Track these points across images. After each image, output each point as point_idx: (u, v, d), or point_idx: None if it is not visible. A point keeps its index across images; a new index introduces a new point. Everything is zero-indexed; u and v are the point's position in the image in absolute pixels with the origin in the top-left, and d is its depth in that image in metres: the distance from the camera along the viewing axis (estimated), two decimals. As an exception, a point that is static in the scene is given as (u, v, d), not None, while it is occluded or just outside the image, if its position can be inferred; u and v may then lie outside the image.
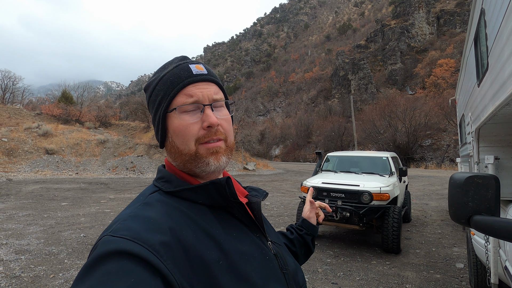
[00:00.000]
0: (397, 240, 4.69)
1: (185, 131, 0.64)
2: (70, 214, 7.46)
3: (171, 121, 0.65)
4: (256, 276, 0.59)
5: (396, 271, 4.14)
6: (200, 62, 0.71)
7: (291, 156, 47.55)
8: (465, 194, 1.00)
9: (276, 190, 12.64)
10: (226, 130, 0.68)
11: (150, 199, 0.61)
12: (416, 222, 7.06)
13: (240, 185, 0.78)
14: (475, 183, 1.03)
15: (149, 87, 0.70)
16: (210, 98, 0.66)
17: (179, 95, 0.65)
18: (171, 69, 0.67)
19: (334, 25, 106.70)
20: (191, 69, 0.67)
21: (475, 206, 1.00)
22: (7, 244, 4.97)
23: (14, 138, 20.41)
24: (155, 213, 0.57)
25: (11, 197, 9.80)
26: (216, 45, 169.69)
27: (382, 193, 4.75)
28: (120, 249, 0.48)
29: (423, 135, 30.39)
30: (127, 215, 0.57)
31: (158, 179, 0.68)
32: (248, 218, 0.68)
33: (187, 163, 0.65)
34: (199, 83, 0.66)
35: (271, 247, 0.69)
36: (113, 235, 0.51)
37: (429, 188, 13.09)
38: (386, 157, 6.05)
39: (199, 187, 0.63)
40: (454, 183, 1.06)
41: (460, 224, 1.30)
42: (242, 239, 0.63)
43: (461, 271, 4.14)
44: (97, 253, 0.49)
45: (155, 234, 0.52)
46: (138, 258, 0.48)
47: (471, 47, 2.21)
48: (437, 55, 46.92)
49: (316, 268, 4.26)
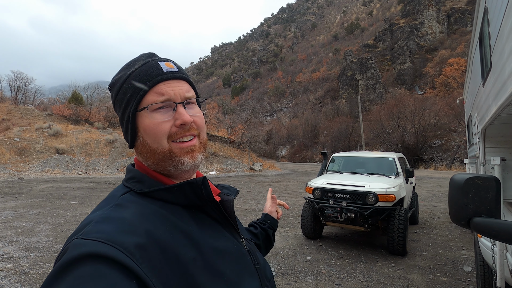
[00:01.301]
0: (403, 242, 4.63)
1: (156, 129, 0.62)
2: (78, 212, 7.60)
3: (142, 120, 0.63)
4: (231, 273, 0.60)
5: (402, 273, 4.09)
6: (170, 59, 0.68)
7: (298, 156, 47.37)
8: (465, 195, 0.99)
9: (282, 191, 12.62)
10: (199, 126, 0.67)
11: (122, 200, 0.59)
12: (424, 224, 6.95)
13: (212, 184, 0.78)
14: (475, 185, 1.01)
15: (115, 85, 0.67)
16: (182, 96, 0.64)
17: (149, 93, 0.63)
18: (139, 66, 0.64)
19: (341, 24, 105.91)
20: (161, 67, 0.65)
21: (475, 207, 0.99)
22: (17, 241, 5.10)
23: (26, 138, 20.90)
24: (130, 214, 0.55)
25: (22, 195, 10.04)
26: (223, 46, 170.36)
27: (387, 194, 4.70)
28: (93, 252, 0.46)
29: (432, 136, 29.89)
30: (99, 217, 0.54)
31: (128, 179, 0.66)
32: (222, 216, 0.68)
33: (161, 162, 0.64)
34: (170, 81, 0.64)
35: (244, 244, 0.71)
36: (84, 238, 0.49)
37: (438, 189, 12.87)
38: (393, 158, 5.98)
39: (175, 187, 0.62)
40: (454, 184, 1.05)
41: (460, 226, 1.28)
42: (217, 237, 0.64)
43: (468, 275, 4.06)
44: (68, 257, 0.46)
45: (130, 236, 0.50)
46: (112, 261, 0.46)
47: (476, 46, 2.17)
48: (447, 54, 46.08)
49: (320, 269, 4.24)
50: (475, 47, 2.30)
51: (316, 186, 5.26)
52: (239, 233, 0.72)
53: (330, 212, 4.90)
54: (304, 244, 5.38)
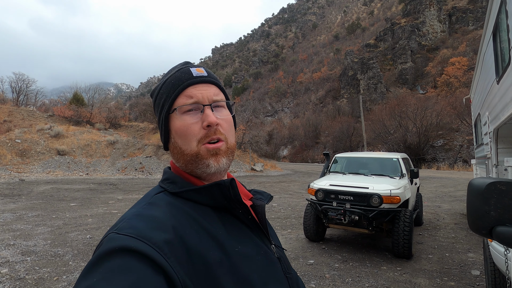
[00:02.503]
0: (408, 244, 4.50)
1: (186, 131, 0.65)
2: (78, 215, 7.52)
3: (173, 122, 0.67)
4: (257, 278, 0.59)
5: (408, 277, 3.97)
6: (202, 66, 0.73)
7: (299, 156, 47.22)
8: (487, 202, 0.88)
9: (284, 192, 12.50)
10: (226, 130, 0.69)
11: (155, 199, 0.63)
12: (428, 225, 6.82)
13: (245, 188, 0.79)
14: (498, 190, 0.92)
15: (154, 92, 0.73)
16: (210, 99, 0.67)
17: (180, 96, 0.67)
18: (173, 73, 0.70)
19: (342, 24, 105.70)
20: (191, 72, 0.69)
21: (498, 216, 0.90)
22: (14, 245, 5.01)
23: (27, 139, 20.88)
24: (160, 212, 0.58)
25: (23, 197, 9.98)
26: (224, 46, 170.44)
27: (392, 196, 4.58)
28: (124, 246, 0.49)
29: (434, 135, 29.68)
30: (132, 214, 0.58)
31: (163, 181, 0.69)
32: (251, 220, 0.68)
33: (189, 164, 0.66)
34: (199, 85, 0.68)
35: (274, 251, 0.70)
36: (118, 233, 0.52)
37: (441, 189, 12.72)
38: (397, 158, 5.86)
39: (203, 188, 0.64)
40: (474, 190, 0.95)
41: (480, 236, 1.18)
42: (244, 241, 0.63)
43: (477, 279, 3.93)
44: (102, 250, 0.50)
45: (159, 233, 0.53)
46: (142, 255, 0.49)
47: (489, 41, 2.05)
48: (449, 53, 45.83)
49: (323, 273, 4.12)
50: (487, 42, 2.19)
51: (319, 187, 5.14)
52: (269, 239, 0.71)
53: (333, 214, 4.78)
54: (307, 247, 5.27)
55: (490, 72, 2.14)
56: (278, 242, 0.76)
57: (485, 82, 2.61)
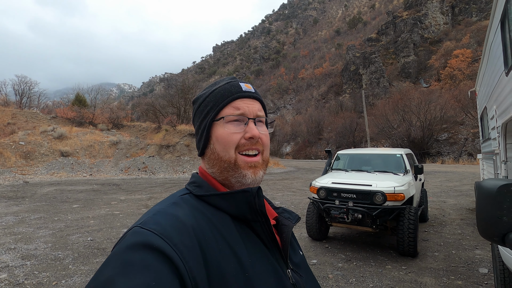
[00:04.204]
0: (413, 242, 4.40)
1: (228, 138, 0.67)
2: (80, 216, 7.51)
3: (216, 129, 0.70)
4: None
5: (413, 276, 3.87)
6: (248, 82, 0.77)
7: (302, 153, 47.04)
8: (499, 206, 0.80)
9: (287, 189, 12.42)
10: (264, 144, 0.72)
11: (179, 200, 0.64)
12: (434, 221, 6.70)
13: (271, 206, 0.78)
14: (511, 193, 0.82)
15: (199, 99, 0.75)
16: (254, 113, 0.71)
17: (228, 107, 0.70)
18: (222, 85, 0.73)
19: (344, 19, 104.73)
20: (241, 86, 0.73)
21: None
22: (15, 248, 4.98)
23: (31, 141, 20.99)
24: (183, 214, 0.59)
25: (26, 199, 10.00)
26: (225, 44, 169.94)
27: (396, 193, 4.47)
28: (147, 243, 0.50)
29: (439, 129, 29.35)
30: (157, 211, 0.59)
31: (190, 184, 0.71)
32: (270, 238, 0.66)
33: (225, 171, 0.68)
34: (246, 99, 0.72)
35: (290, 276, 0.66)
36: (142, 227, 0.54)
37: (446, 184, 12.55)
38: (400, 154, 5.73)
39: (228, 194, 0.65)
40: (484, 193, 0.85)
41: (492, 242, 1.08)
42: (260, 258, 0.61)
43: (485, 277, 3.82)
44: (125, 242, 0.52)
45: (181, 234, 0.54)
46: (162, 255, 0.50)
47: (496, 30, 1.92)
48: (453, 45, 45.19)
49: (326, 273, 4.04)
50: (494, 32, 2.06)
51: (321, 185, 5.04)
52: (286, 263, 0.68)
53: (336, 212, 4.68)
54: (310, 246, 5.19)
55: (498, 64, 2.02)
56: (299, 268, 0.72)
57: (492, 74, 2.48)
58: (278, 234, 0.70)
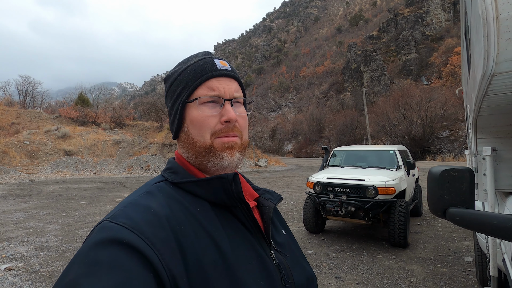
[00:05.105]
0: (404, 234, 4.65)
1: (203, 122, 0.63)
2: (86, 212, 7.81)
3: (190, 111, 0.65)
4: (253, 284, 0.55)
5: (402, 265, 4.13)
6: (224, 59, 0.71)
7: (304, 151, 47.25)
8: (441, 187, 1.01)
9: (287, 186, 12.68)
10: (242, 127, 0.67)
11: (153, 189, 0.61)
12: (428, 215, 6.94)
13: (252, 187, 0.75)
14: (451, 176, 1.05)
15: (170, 78, 0.69)
16: (231, 94, 0.66)
17: (201, 87, 0.64)
18: (195, 62, 0.67)
19: (345, 16, 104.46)
20: (216, 64, 0.67)
21: (451, 198, 1.03)
22: (28, 241, 5.29)
23: (35, 141, 21.35)
24: (157, 204, 0.55)
25: (33, 197, 10.33)
26: (226, 43, 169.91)
27: (387, 187, 4.72)
28: (116, 238, 0.47)
29: (439, 127, 29.46)
30: (128, 202, 0.56)
31: (166, 170, 0.68)
32: (251, 222, 0.64)
33: (200, 156, 0.64)
34: (222, 78, 0.66)
35: (273, 257, 0.63)
36: (111, 221, 0.50)
37: (444, 181, 12.74)
38: (393, 150, 5.98)
39: (204, 181, 0.62)
40: (431, 176, 1.09)
41: (437, 217, 1.32)
42: (241, 244, 0.59)
43: (469, 265, 4.07)
44: (92, 239, 0.48)
45: (154, 226, 0.51)
46: (133, 249, 0.46)
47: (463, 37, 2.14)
48: (454, 42, 45.11)
49: (321, 262, 4.30)
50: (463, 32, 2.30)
51: (317, 180, 5.31)
52: (269, 245, 0.65)
53: (330, 206, 4.95)
54: (306, 238, 5.45)
55: (464, 63, 2.23)
56: (283, 247, 0.69)
57: (465, 74, 2.71)
58: (261, 215, 0.68)
